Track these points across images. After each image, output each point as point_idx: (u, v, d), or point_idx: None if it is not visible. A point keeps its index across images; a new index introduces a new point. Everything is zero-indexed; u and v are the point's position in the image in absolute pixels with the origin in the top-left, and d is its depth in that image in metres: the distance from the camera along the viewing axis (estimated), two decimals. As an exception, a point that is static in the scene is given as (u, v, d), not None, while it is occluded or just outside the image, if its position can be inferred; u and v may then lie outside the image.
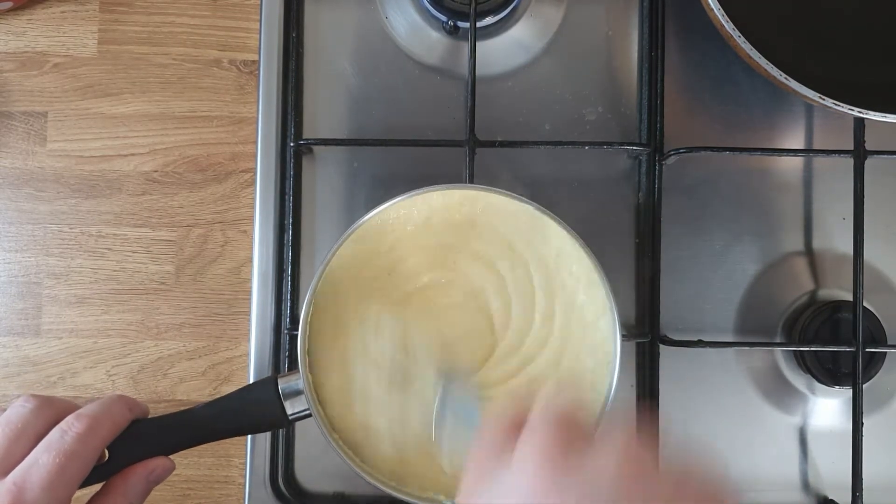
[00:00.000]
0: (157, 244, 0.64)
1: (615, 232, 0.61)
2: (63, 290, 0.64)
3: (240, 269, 0.63)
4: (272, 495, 0.59)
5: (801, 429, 0.61)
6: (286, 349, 0.60)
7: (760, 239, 0.62)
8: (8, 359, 0.63)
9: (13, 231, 0.64)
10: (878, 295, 0.61)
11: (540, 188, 0.61)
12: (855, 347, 0.57)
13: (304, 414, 0.48)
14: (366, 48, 0.63)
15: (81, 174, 0.64)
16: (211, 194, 0.64)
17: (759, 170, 0.62)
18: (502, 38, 0.63)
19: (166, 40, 0.65)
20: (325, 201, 0.62)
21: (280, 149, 0.61)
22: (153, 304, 0.64)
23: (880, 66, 0.58)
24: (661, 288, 0.59)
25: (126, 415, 0.45)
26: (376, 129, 0.62)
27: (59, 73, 0.64)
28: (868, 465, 0.57)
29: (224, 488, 0.63)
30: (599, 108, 0.62)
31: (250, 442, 0.60)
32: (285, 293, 0.60)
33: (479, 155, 0.58)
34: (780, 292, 0.62)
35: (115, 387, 0.63)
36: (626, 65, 0.62)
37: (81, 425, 0.42)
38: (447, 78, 0.62)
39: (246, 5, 0.65)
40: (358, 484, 0.60)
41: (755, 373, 0.61)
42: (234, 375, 0.63)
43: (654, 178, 0.60)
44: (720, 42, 0.54)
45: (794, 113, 0.62)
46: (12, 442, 0.42)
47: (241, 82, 0.64)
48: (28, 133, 0.64)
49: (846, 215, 0.60)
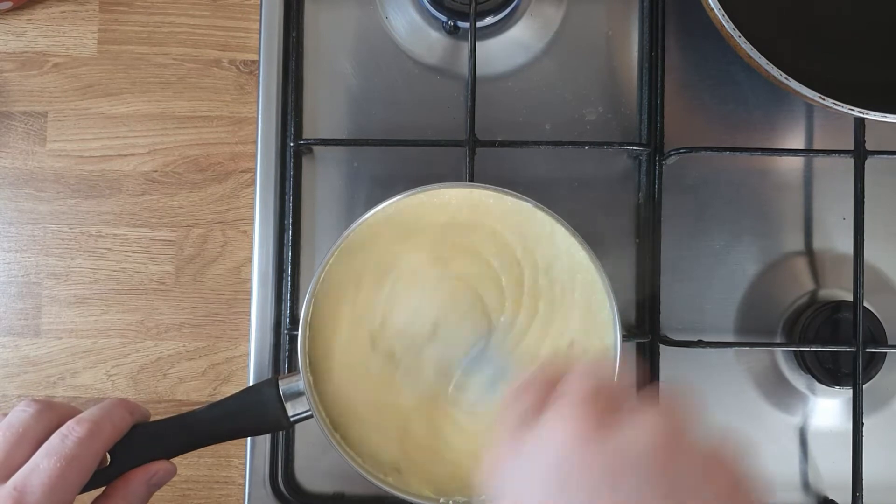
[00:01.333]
0: (157, 244, 0.64)
1: (615, 232, 0.61)
2: (63, 290, 0.63)
3: (240, 269, 0.63)
4: (272, 495, 0.59)
5: (801, 429, 0.61)
6: (286, 349, 0.60)
7: (760, 239, 0.62)
8: (8, 359, 0.63)
9: (13, 231, 0.64)
10: (878, 295, 0.61)
11: (540, 188, 0.60)
12: (855, 347, 0.57)
13: (306, 415, 0.48)
14: (366, 48, 0.63)
15: (81, 174, 0.64)
16: (211, 194, 0.64)
17: (759, 170, 0.62)
18: (502, 38, 0.63)
19: (166, 40, 0.64)
20: (325, 201, 0.62)
21: (280, 149, 0.61)
22: (153, 305, 0.64)
23: (880, 66, 0.58)
24: (661, 288, 0.59)
25: (127, 419, 0.45)
26: (376, 129, 0.62)
27: (59, 73, 0.64)
28: (868, 465, 0.57)
29: (224, 488, 0.63)
30: (599, 108, 0.62)
31: (250, 442, 0.60)
32: (285, 293, 0.60)
33: (479, 155, 0.58)
34: (781, 292, 0.62)
35: (114, 387, 0.63)
36: (626, 65, 0.62)
37: (83, 429, 0.42)
38: (447, 78, 0.62)
39: (246, 5, 0.65)
40: (358, 484, 0.60)
41: (755, 373, 0.61)
42: (233, 375, 0.63)
43: (654, 178, 0.60)
44: (720, 42, 0.54)
45: (794, 113, 0.62)
46: (13, 446, 0.42)
47: (241, 82, 0.64)
48: (28, 133, 0.64)
49: (846, 215, 0.60)
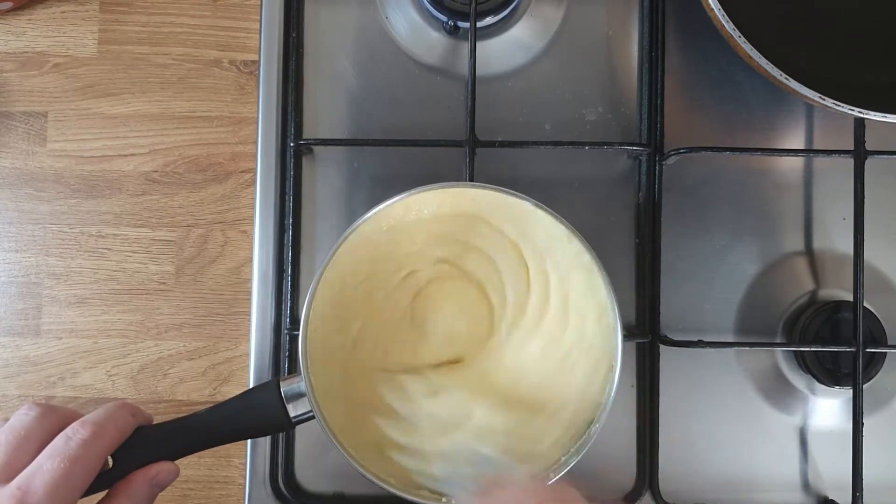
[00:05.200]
0: (157, 244, 0.64)
1: (615, 232, 0.61)
2: (63, 290, 0.63)
3: (240, 269, 0.63)
4: (272, 495, 0.59)
5: (801, 429, 0.61)
6: (286, 349, 0.60)
7: (760, 239, 0.62)
8: (8, 359, 0.63)
9: (13, 231, 0.64)
10: (878, 295, 0.61)
11: (540, 188, 0.61)
12: (855, 347, 0.57)
13: (307, 416, 0.48)
14: (366, 48, 0.63)
15: (81, 174, 0.64)
16: (211, 194, 0.64)
17: (759, 170, 0.62)
18: (502, 38, 0.63)
19: (166, 40, 0.64)
20: (325, 201, 0.62)
21: (280, 149, 0.61)
22: (153, 305, 0.63)
23: (880, 66, 0.58)
24: (661, 288, 0.59)
25: (130, 422, 0.45)
26: (376, 129, 0.62)
27: (59, 73, 0.64)
28: (868, 465, 0.57)
29: (224, 488, 0.63)
30: (599, 108, 0.62)
31: (250, 442, 0.60)
32: (285, 293, 0.60)
33: (479, 155, 0.58)
34: (781, 292, 0.62)
35: (115, 387, 0.63)
36: (626, 65, 0.62)
37: (86, 432, 0.42)
38: (447, 78, 0.62)
39: (246, 5, 0.65)
40: (358, 484, 0.60)
41: (755, 373, 0.61)
42: (234, 376, 0.63)
43: (654, 178, 0.60)
44: (720, 42, 0.54)
45: (794, 113, 0.62)
46: (16, 449, 0.42)
47: (241, 82, 0.64)
48: (28, 133, 0.64)
49: (846, 215, 0.60)
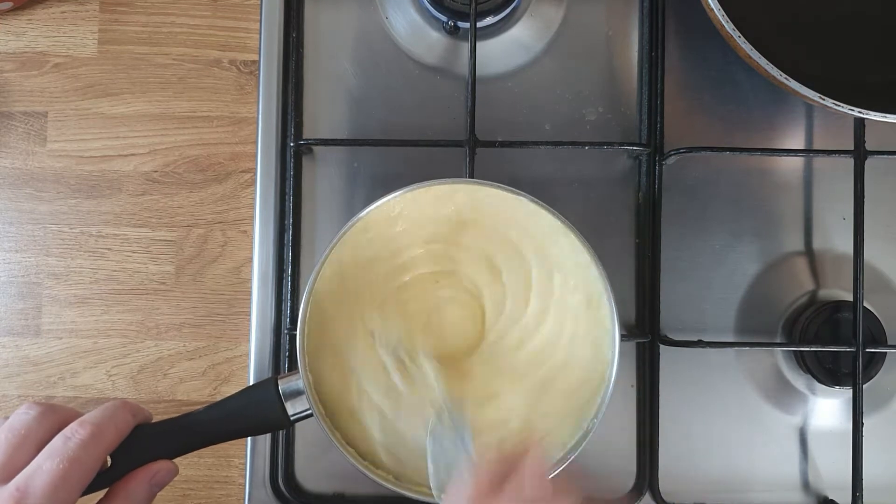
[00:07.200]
0: (157, 244, 0.64)
1: (615, 232, 0.61)
2: (63, 291, 0.64)
3: (240, 269, 0.63)
4: (272, 495, 0.59)
5: (801, 429, 0.61)
6: (286, 349, 0.60)
7: (760, 239, 0.62)
8: (8, 359, 0.63)
9: (13, 231, 0.64)
10: (878, 295, 0.61)
11: (540, 188, 0.60)
12: (855, 347, 0.57)
13: (306, 414, 0.48)
14: (366, 48, 0.63)
15: (81, 174, 0.64)
16: (211, 194, 0.64)
17: (759, 170, 0.62)
18: (502, 38, 0.63)
19: (166, 40, 0.65)
20: (325, 201, 0.62)
21: (280, 149, 0.61)
22: (153, 305, 0.64)
23: (880, 66, 0.58)
24: (661, 288, 0.59)
25: (129, 421, 0.45)
26: (376, 129, 0.62)
27: (59, 73, 0.64)
28: (868, 465, 0.57)
29: (224, 488, 0.63)
30: (599, 108, 0.62)
31: (250, 442, 0.60)
32: (285, 293, 0.60)
33: (479, 155, 0.58)
34: (780, 292, 0.62)
35: (115, 387, 0.63)
36: (626, 65, 0.62)
37: (85, 432, 0.42)
38: (447, 78, 0.62)
39: (246, 5, 0.65)
40: (358, 484, 0.60)
41: (755, 373, 0.61)
42: (234, 375, 0.63)
43: (654, 178, 0.60)
44: (720, 42, 0.54)
45: (794, 113, 0.62)
46: (15, 448, 0.42)
47: (241, 82, 0.64)
48: (28, 133, 0.64)
49: (846, 215, 0.60)
